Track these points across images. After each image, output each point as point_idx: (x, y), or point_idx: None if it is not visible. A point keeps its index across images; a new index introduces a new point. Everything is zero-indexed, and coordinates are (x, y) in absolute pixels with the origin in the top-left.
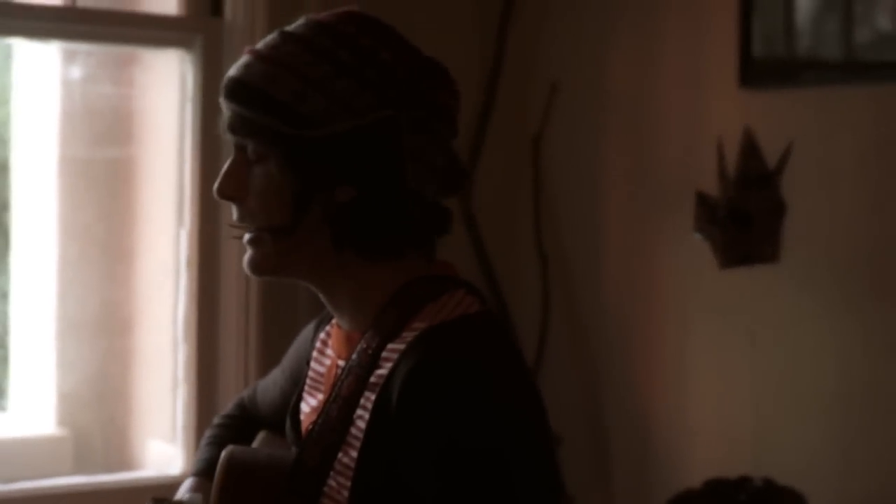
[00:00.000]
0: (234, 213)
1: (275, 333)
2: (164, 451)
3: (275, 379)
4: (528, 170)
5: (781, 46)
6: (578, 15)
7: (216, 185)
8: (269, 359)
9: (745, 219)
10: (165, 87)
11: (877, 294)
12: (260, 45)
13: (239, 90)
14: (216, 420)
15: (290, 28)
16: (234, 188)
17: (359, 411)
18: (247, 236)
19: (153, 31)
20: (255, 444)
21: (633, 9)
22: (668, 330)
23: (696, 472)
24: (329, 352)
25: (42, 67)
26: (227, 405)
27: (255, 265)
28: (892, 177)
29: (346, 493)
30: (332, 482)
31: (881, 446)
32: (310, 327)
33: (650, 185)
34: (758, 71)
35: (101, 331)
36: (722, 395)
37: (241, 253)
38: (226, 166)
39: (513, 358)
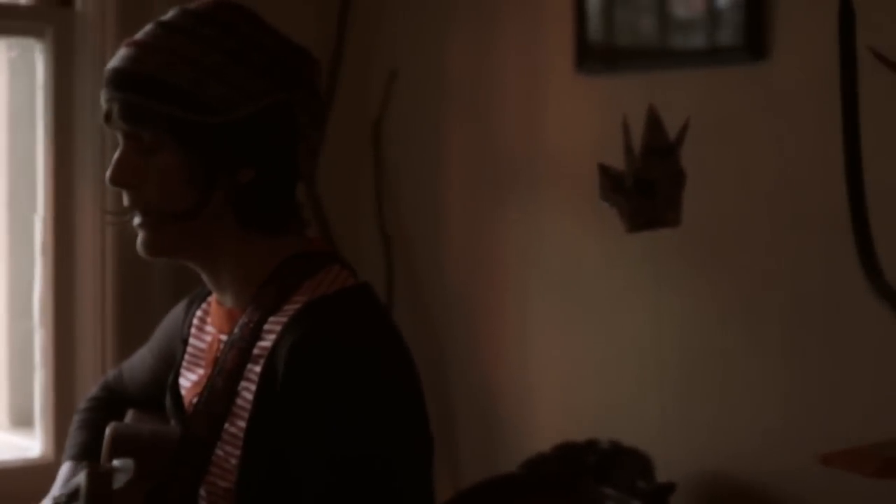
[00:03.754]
0: (126, 199)
1: (131, 317)
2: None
3: (142, 359)
4: (369, 153)
5: (613, 35)
6: (417, 3)
7: (109, 174)
8: (125, 341)
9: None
10: (17, 74)
11: (704, 271)
12: (141, 36)
13: (133, 80)
14: (83, 404)
15: (167, 19)
16: (128, 176)
17: (243, 383)
18: (138, 220)
19: (3, 20)
20: (126, 421)
21: None
22: (510, 304)
23: (543, 440)
24: (209, 328)
25: None
26: (91, 388)
27: (151, 247)
28: (702, 154)
29: (234, 462)
30: (219, 451)
31: (716, 408)
32: (179, 307)
33: (489, 166)
34: (593, 57)
35: None
36: (564, 365)
37: (95, 238)
38: (117, 155)
39: (388, 329)
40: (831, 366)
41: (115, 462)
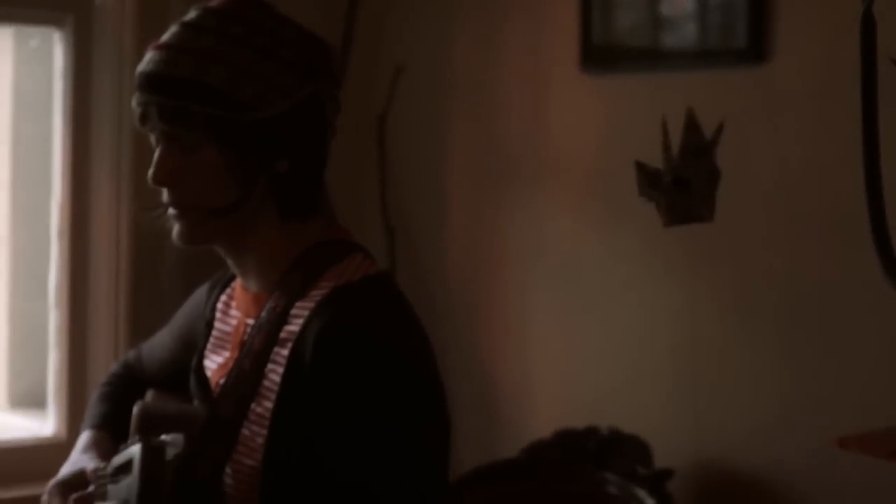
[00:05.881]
0: (167, 197)
1: (143, 299)
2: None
3: (161, 341)
4: (374, 147)
5: (617, 35)
6: (424, 1)
7: (151, 174)
8: (138, 323)
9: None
10: (37, 62)
11: (702, 264)
12: (168, 38)
13: (169, 83)
14: (104, 379)
15: (192, 19)
16: (170, 175)
17: (270, 365)
18: (173, 212)
19: (26, 9)
20: (146, 400)
21: None
22: (510, 295)
23: (543, 427)
24: (234, 312)
25: None
26: (103, 369)
27: (190, 237)
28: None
29: (260, 441)
30: (245, 431)
31: (714, 397)
32: (201, 291)
33: (493, 161)
34: (597, 57)
35: None
36: (564, 354)
37: (110, 223)
38: (158, 155)
39: (410, 317)
40: (827, 357)
41: (165, 436)
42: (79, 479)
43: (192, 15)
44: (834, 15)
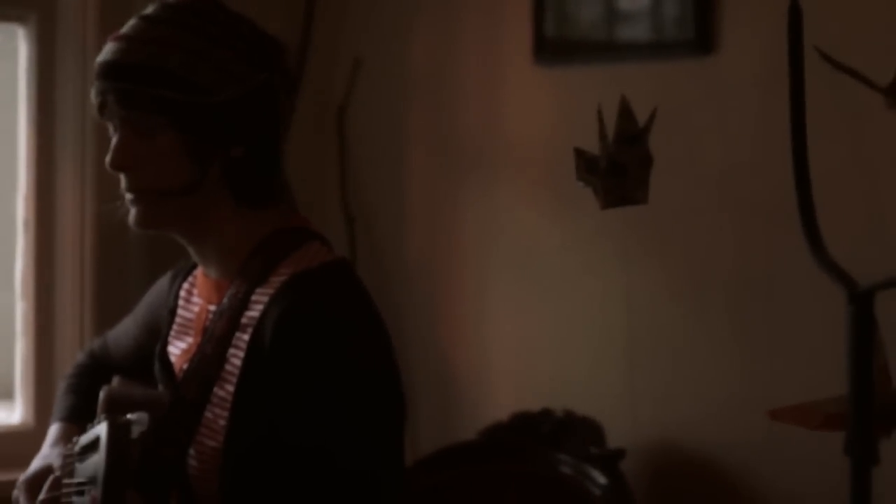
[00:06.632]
0: (124, 182)
1: (108, 290)
2: None
3: (126, 329)
4: (333, 138)
5: (569, 29)
6: None
7: (109, 159)
8: (103, 313)
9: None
10: (1, 58)
11: (653, 250)
12: (126, 30)
13: (126, 69)
14: (70, 370)
15: (149, 13)
16: (128, 160)
17: (232, 350)
18: (129, 196)
19: None
20: (113, 385)
21: None
22: (468, 282)
23: (500, 410)
24: (196, 299)
25: None
26: (70, 358)
27: (145, 221)
28: (651, 142)
29: (222, 423)
30: (208, 413)
31: (664, 379)
32: (164, 280)
33: (450, 152)
34: (550, 50)
35: None
36: (520, 340)
37: (75, 215)
38: (116, 141)
39: (366, 302)
40: (776, 338)
41: (130, 415)
42: (46, 476)
43: (149, 9)
44: (777, 6)
